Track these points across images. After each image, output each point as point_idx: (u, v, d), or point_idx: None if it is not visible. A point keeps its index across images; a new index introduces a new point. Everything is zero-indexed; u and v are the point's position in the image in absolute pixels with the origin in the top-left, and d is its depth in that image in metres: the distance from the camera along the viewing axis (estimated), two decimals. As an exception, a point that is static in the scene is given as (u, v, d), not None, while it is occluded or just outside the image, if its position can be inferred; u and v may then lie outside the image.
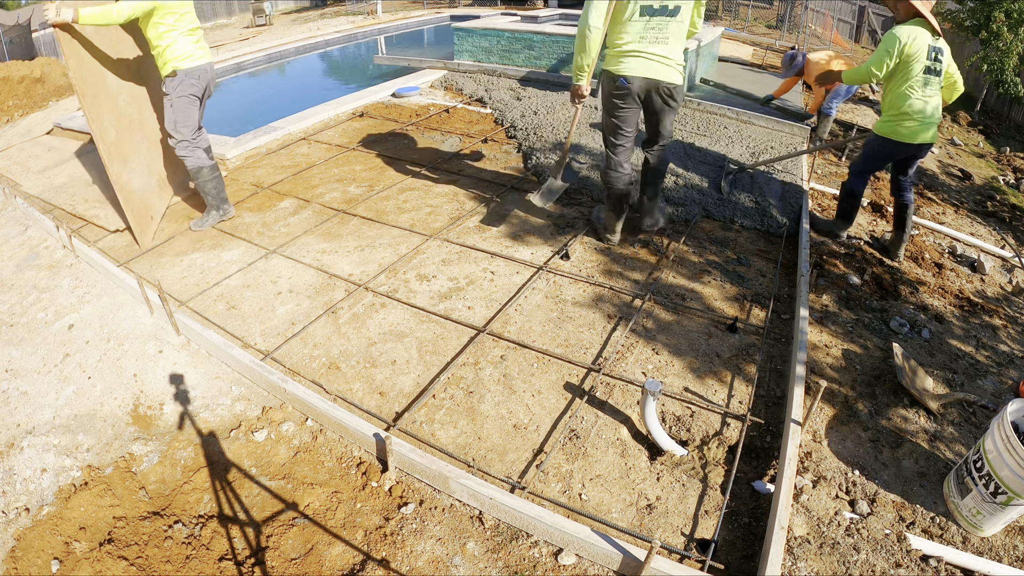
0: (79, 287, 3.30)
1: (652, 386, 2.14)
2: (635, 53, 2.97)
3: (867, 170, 3.62)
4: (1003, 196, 5.44)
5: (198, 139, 3.63)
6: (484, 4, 18.14)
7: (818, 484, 2.12)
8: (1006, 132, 8.21)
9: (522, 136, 5.33)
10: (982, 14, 8.21)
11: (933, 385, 2.63)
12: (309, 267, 3.42)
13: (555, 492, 2.09)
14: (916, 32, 3.18)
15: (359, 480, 2.16)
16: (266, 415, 2.44)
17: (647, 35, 2.94)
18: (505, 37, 7.86)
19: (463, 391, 2.53)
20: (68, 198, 4.45)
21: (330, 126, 5.91)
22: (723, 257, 3.56)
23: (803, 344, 2.62)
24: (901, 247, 3.68)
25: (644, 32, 2.94)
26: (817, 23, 14.28)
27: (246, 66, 10.35)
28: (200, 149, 3.65)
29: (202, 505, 2.09)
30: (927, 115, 3.28)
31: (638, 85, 3.02)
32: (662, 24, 2.92)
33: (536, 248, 3.59)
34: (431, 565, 1.86)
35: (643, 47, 2.96)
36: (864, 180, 3.66)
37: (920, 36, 3.17)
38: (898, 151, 3.44)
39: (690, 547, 1.91)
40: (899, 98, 3.30)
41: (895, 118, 3.35)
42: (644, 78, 3.00)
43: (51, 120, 6.32)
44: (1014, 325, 3.19)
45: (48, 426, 2.40)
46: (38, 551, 1.93)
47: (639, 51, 2.97)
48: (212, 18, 21.28)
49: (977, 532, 1.97)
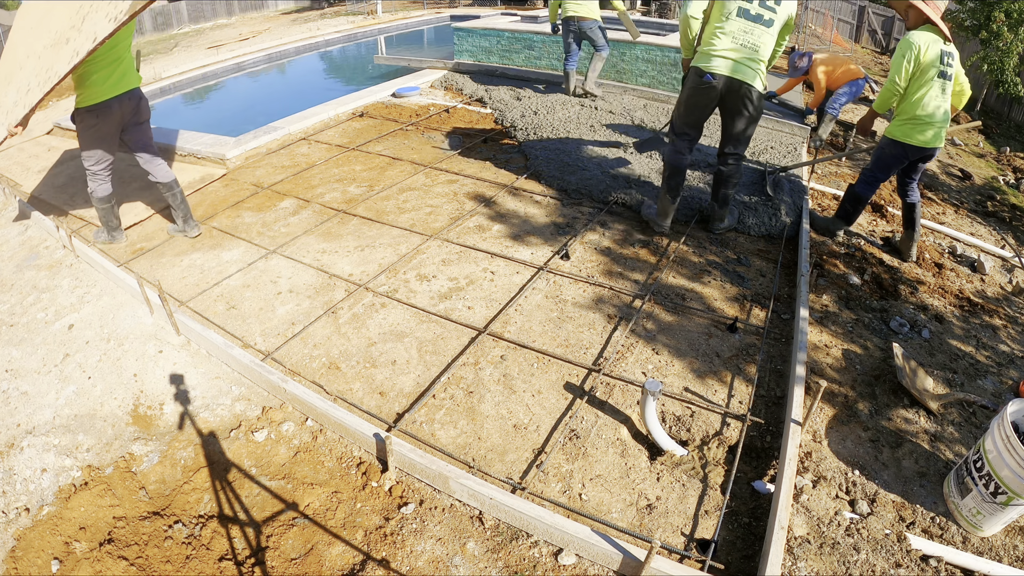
0: (79, 287, 3.30)
1: (652, 386, 2.14)
2: (724, 53, 3.12)
3: (878, 178, 3.62)
4: (1003, 196, 5.44)
5: (100, 171, 3.44)
6: (484, 4, 18.14)
7: (818, 484, 2.12)
8: (1006, 132, 8.21)
9: (522, 136, 5.33)
10: (982, 14, 8.21)
11: (933, 385, 2.63)
12: (309, 267, 3.41)
13: (555, 492, 2.09)
14: (929, 39, 3.19)
15: (359, 480, 2.16)
16: (266, 415, 2.44)
17: (739, 38, 3.09)
18: (505, 37, 7.86)
19: (463, 391, 2.53)
20: (68, 198, 4.45)
21: (330, 126, 5.91)
22: (723, 257, 3.56)
23: (803, 344, 2.62)
24: (913, 246, 3.69)
25: (736, 34, 3.09)
26: (817, 23, 14.28)
27: (246, 66, 10.36)
28: (100, 181, 3.47)
29: (202, 505, 2.09)
30: (938, 119, 3.29)
31: (721, 83, 3.16)
32: (755, 31, 3.07)
33: (536, 248, 3.59)
34: (431, 565, 1.86)
35: (733, 49, 3.11)
36: (874, 188, 3.66)
37: (933, 43, 3.19)
38: (910, 155, 3.44)
39: (690, 547, 1.91)
40: (912, 104, 3.30)
41: (908, 122, 3.35)
42: (728, 77, 3.14)
43: (51, 120, 6.31)
44: (1014, 325, 3.19)
45: (48, 426, 2.40)
46: (38, 551, 1.93)
47: (728, 51, 3.11)
48: (212, 18, 21.28)
49: (977, 532, 1.97)
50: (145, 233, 3.93)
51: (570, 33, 6.16)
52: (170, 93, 8.99)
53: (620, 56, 7.08)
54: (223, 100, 9.32)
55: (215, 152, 5.02)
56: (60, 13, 3.08)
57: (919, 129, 3.32)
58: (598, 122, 5.66)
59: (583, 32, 6.15)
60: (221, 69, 9.94)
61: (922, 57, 3.19)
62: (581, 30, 6.13)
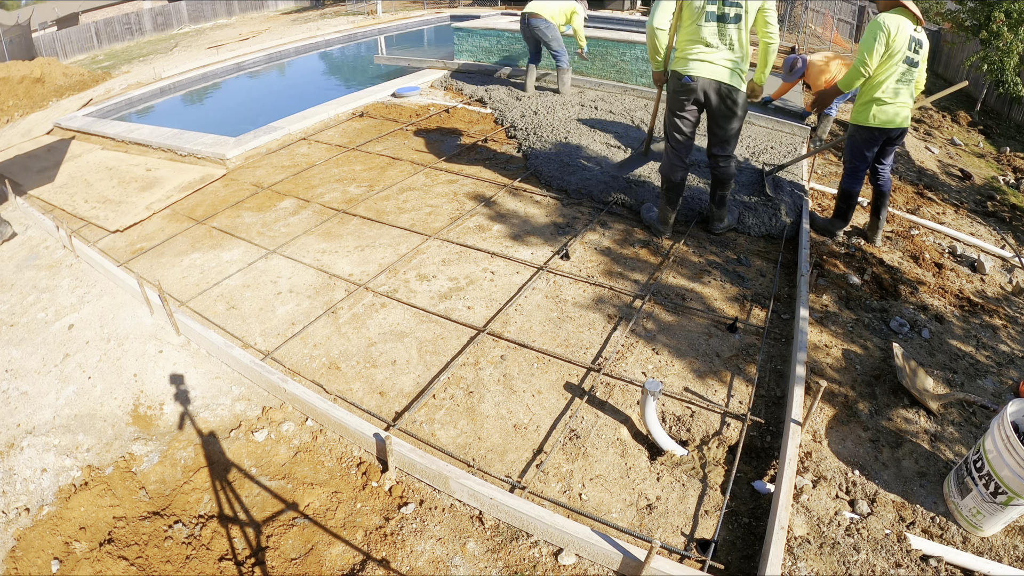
0: (79, 287, 3.31)
1: (652, 386, 2.14)
2: (699, 56, 3.16)
3: (856, 166, 3.64)
4: (1003, 196, 5.44)
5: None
6: (484, 4, 18.14)
7: (818, 484, 2.12)
8: (1006, 132, 8.21)
9: (522, 136, 5.33)
10: (982, 14, 8.21)
11: (933, 385, 2.63)
12: (309, 267, 3.41)
13: (555, 492, 2.09)
14: (900, 21, 3.19)
15: (359, 480, 2.16)
16: (266, 415, 2.44)
17: (711, 40, 3.13)
18: (505, 37, 7.86)
19: (463, 391, 2.53)
20: (68, 198, 4.45)
21: (330, 126, 5.91)
22: (723, 257, 3.56)
23: (803, 344, 2.62)
24: (878, 232, 3.77)
25: (709, 37, 3.12)
26: (817, 23, 14.28)
27: (246, 66, 10.36)
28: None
29: (202, 505, 2.09)
30: (898, 100, 3.32)
31: (701, 84, 3.20)
32: (727, 31, 3.11)
33: (536, 248, 3.59)
34: (431, 565, 1.86)
35: (707, 51, 3.15)
36: (858, 178, 3.67)
37: (903, 26, 3.19)
38: (876, 137, 3.47)
39: (690, 547, 1.91)
40: (872, 87, 3.34)
41: (867, 105, 3.39)
42: (707, 78, 3.18)
43: (51, 120, 6.32)
44: (1014, 325, 3.19)
45: (48, 426, 2.40)
46: (38, 551, 1.93)
47: (703, 54, 3.16)
48: (212, 18, 21.29)
49: (977, 532, 1.97)
50: (145, 233, 3.93)
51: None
52: (170, 93, 9.00)
53: (620, 56, 7.08)
54: (223, 100, 9.32)
55: (215, 152, 5.02)
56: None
57: (880, 110, 3.35)
58: (598, 122, 5.66)
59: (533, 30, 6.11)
60: (221, 69, 9.95)
61: (891, 40, 3.19)
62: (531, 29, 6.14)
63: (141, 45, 17.78)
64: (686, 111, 3.33)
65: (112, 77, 10.67)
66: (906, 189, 4.97)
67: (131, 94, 8.34)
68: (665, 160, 3.55)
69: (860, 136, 3.52)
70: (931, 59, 10.33)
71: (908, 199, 4.75)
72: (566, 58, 6.39)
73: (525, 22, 6.17)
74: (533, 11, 6.09)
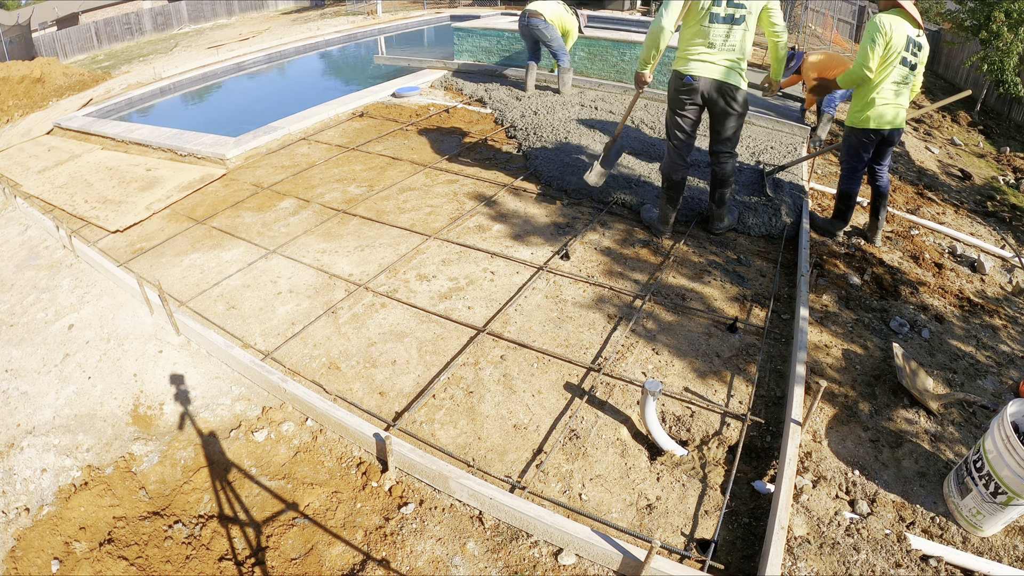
0: (79, 287, 3.31)
1: (652, 386, 2.14)
2: (701, 56, 3.19)
3: (854, 167, 3.65)
4: (1003, 196, 5.44)
5: None
6: (484, 4, 18.14)
7: (818, 484, 2.12)
8: (1006, 132, 8.21)
9: (522, 136, 5.33)
10: (982, 14, 8.21)
11: (933, 385, 2.62)
12: (309, 267, 3.41)
13: (555, 492, 2.09)
14: (897, 22, 3.19)
15: (359, 480, 2.16)
16: (266, 415, 2.44)
17: (715, 41, 3.16)
18: (505, 37, 7.86)
19: (463, 391, 2.53)
20: (68, 198, 4.45)
21: (330, 126, 5.90)
22: (723, 257, 3.56)
23: (803, 344, 2.62)
24: (878, 232, 3.78)
25: (712, 38, 3.15)
26: (817, 23, 14.28)
27: (246, 66, 10.36)
28: None
29: (202, 505, 2.09)
30: (894, 101, 3.33)
31: (703, 84, 3.23)
32: (732, 32, 3.13)
33: (536, 248, 3.59)
34: (431, 565, 1.86)
35: (710, 51, 3.18)
36: (855, 178, 3.68)
37: (901, 27, 3.20)
38: (872, 138, 3.48)
39: (690, 547, 1.91)
40: (869, 88, 3.34)
41: (865, 106, 3.39)
42: (708, 78, 3.21)
43: (51, 120, 6.32)
44: (1014, 325, 3.19)
45: (48, 426, 2.40)
46: (38, 551, 1.93)
47: (705, 54, 3.19)
48: (212, 18, 21.30)
49: (977, 532, 1.97)
50: (145, 233, 3.93)
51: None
52: (170, 93, 9.00)
53: (620, 56, 7.08)
54: (223, 100, 9.32)
55: (215, 152, 5.02)
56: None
57: (876, 111, 3.35)
58: (598, 122, 5.66)
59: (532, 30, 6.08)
60: (221, 69, 9.95)
61: (890, 41, 3.19)
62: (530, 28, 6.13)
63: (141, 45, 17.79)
64: (687, 110, 3.35)
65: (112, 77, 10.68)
66: (906, 189, 4.97)
67: (131, 94, 8.35)
68: (666, 159, 3.56)
69: (856, 137, 3.53)
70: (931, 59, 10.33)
71: (908, 199, 4.75)
72: (567, 57, 6.38)
73: (525, 21, 6.17)
74: (534, 11, 6.09)
